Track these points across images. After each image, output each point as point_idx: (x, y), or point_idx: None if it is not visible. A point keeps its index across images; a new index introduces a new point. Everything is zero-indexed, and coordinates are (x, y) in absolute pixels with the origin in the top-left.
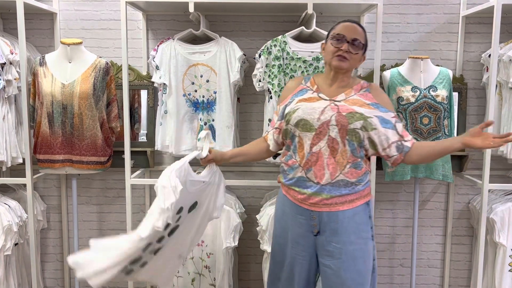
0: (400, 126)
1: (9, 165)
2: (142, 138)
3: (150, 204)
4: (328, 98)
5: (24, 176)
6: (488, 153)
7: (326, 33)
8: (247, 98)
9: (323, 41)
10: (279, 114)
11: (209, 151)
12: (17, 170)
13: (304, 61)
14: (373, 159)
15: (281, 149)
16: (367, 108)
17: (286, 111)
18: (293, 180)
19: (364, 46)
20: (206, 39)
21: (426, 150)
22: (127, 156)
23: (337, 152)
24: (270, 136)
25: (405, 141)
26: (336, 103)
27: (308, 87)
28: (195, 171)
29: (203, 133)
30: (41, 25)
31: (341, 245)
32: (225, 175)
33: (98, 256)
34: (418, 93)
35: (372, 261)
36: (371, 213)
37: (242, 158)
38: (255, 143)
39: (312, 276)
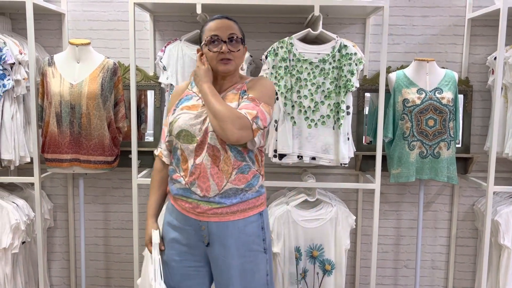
0: (244, 103)
1: (17, 164)
2: (148, 138)
3: None
4: None
5: (31, 175)
6: (493, 155)
7: (332, 35)
8: None
9: (198, 47)
10: (168, 125)
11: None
12: (24, 169)
13: (311, 63)
14: (379, 161)
15: None
16: (237, 101)
17: (169, 120)
18: (180, 192)
19: (242, 39)
20: None
21: None
22: (134, 156)
23: (219, 160)
24: (163, 152)
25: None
26: None
27: (194, 92)
28: None
29: (155, 237)
30: (49, 25)
31: (230, 260)
32: None
33: None
34: (423, 95)
35: (266, 276)
36: (264, 224)
37: (162, 200)
38: (157, 177)
39: None
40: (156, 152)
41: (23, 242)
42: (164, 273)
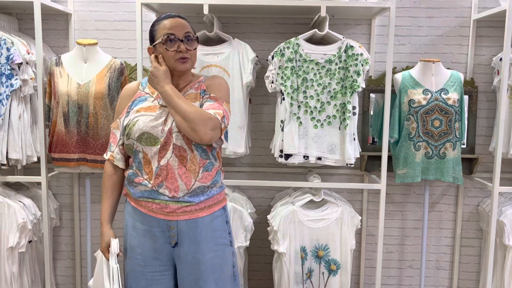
0: (208, 103)
1: (24, 163)
2: None
3: None
4: None
5: (37, 174)
6: (499, 156)
7: (338, 35)
8: (258, 100)
9: (150, 46)
10: (120, 128)
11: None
12: (30, 168)
13: (317, 63)
14: (384, 161)
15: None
16: (198, 101)
17: (125, 123)
18: (145, 195)
19: (197, 37)
20: (218, 41)
21: None
22: None
23: (187, 160)
24: (116, 156)
25: None
26: None
27: (147, 93)
28: None
29: (114, 246)
30: (56, 25)
31: (200, 255)
32: (237, 175)
33: None
34: (429, 96)
35: (232, 268)
36: (228, 218)
37: (116, 205)
38: (109, 181)
39: None
40: (106, 156)
41: (30, 241)
42: (129, 279)
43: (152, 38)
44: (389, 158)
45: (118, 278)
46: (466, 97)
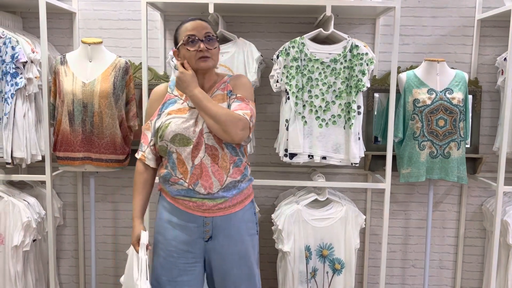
0: (235, 104)
1: (29, 162)
2: None
3: None
4: None
5: (40, 173)
6: (503, 155)
7: (343, 35)
8: (262, 99)
9: (174, 49)
10: (151, 130)
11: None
12: (34, 167)
13: (322, 63)
14: (389, 161)
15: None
16: (226, 101)
17: (157, 125)
18: (182, 193)
19: (217, 37)
20: (223, 40)
21: None
22: None
23: (218, 158)
24: (148, 156)
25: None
26: None
27: (176, 95)
28: None
29: (144, 238)
30: (60, 24)
31: (233, 246)
32: None
33: None
34: (434, 95)
35: (257, 254)
36: (255, 209)
37: (147, 202)
38: (141, 179)
39: (200, 283)
40: (137, 156)
41: (34, 240)
42: (161, 269)
43: (175, 42)
44: (393, 158)
45: (146, 269)
46: (470, 97)
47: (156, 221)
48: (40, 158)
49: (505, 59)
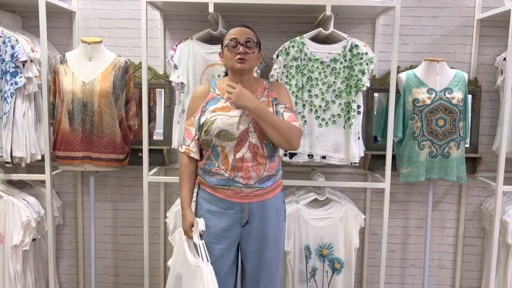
0: (287, 114)
1: (28, 161)
2: (156, 136)
3: (165, 201)
4: None
5: (40, 172)
6: (502, 155)
7: (343, 34)
8: None
9: (220, 50)
10: (195, 125)
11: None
12: (33, 166)
13: (322, 62)
14: (389, 160)
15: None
16: (271, 107)
17: (202, 121)
18: (221, 183)
19: (257, 44)
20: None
21: None
22: (145, 154)
23: (258, 155)
24: (192, 149)
25: None
26: None
27: (218, 94)
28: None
29: (201, 225)
30: (60, 23)
31: (266, 230)
32: None
33: None
34: (433, 95)
35: (284, 239)
36: (284, 198)
37: (192, 191)
38: (187, 171)
39: (235, 268)
40: (181, 150)
41: (34, 239)
42: None
43: (222, 44)
44: (393, 157)
45: (205, 252)
46: (469, 97)
47: (195, 212)
48: (39, 157)
49: (504, 59)
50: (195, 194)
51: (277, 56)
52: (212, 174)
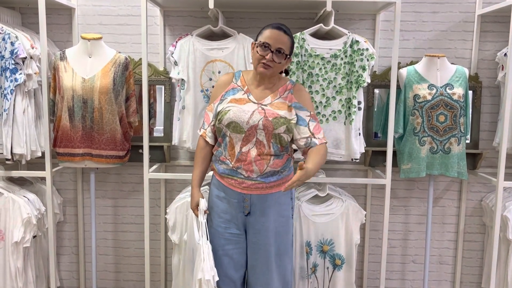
0: (313, 124)
1: (29, 158)
2: (156, 133)
3: (166, 198)
4: (256, 101)
5: (40, 169)
6: (503, 151)
7: (344, 30)
8: None
9: (254, 41)
10: (213, 111)
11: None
12: (33, 163)
13: (322, 58)
14: (390, 156)
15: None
16: (289, 110)
17: (218, 109)
18: (226, 172)
19: (288, 55)
20: (223, 36)
21: (313, 155)
22: (145, 150)
23: (263, 152)
24: (208, 134)
25: (314, 138)
26: (263, 107)
27: (239, 86)
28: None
29: (202, 205)
30: (59, 20)
31: (267, 223)
32: None
33: None
34: (434, 91)
35: (292, 237)
36: (293, 195)
37: (204, 173)
38: (202, 153)
39: (244, 257)
40: (199, 132)
41: (34, 236)
42: (211, 236)
43: (257, 37)
44: (394, 153)
45: (206, 230)
46: (470, 92)
47: (208, 197)
48: (40, 154)
49: (505, 54)
50: (210, 178)
51: None
52: (220, 162)
